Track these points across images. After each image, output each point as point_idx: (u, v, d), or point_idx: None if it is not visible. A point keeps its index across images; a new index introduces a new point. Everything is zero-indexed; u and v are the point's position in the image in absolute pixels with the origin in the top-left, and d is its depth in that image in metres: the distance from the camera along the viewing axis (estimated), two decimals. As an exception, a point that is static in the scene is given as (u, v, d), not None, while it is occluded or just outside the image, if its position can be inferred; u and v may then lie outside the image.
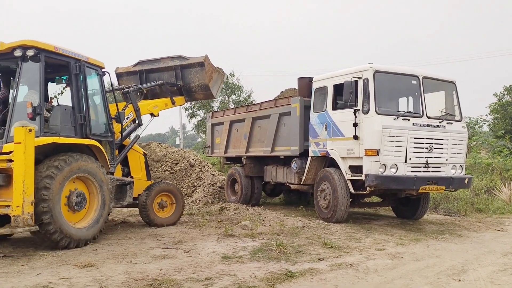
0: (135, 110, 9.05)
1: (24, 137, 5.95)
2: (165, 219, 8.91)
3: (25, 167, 5.96)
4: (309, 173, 9.78)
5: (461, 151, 8.96)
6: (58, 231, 6.40)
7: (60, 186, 6.50)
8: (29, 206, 5.96)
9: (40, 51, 6.73)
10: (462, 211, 11.04)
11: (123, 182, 8.38)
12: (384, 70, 8.53)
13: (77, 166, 6.79)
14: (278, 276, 5.28)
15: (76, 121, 7.17)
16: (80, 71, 7.30)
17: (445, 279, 5.36)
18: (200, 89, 10.23)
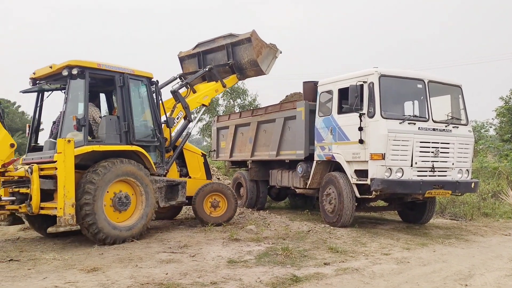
0: (184, 108, 9.45)
1: (64, 147, 6.69)
2: (217, 218, 9.18)
3: (65, 173, 6.67)
4: (315, 177, 9.77)
5: (467, 155, 8.92)
6: (101, 231, 7.04)
7: (101, 189, 7.12)
8: (69, 208, 6.66)
9: (84, 69, 7.44)
10: (468, 216, 10.98)
11: (174, 183, 8.80)
12: (389, 74, 8.51)
13: (119, 171, 7.42)
14: (284, 280, 5.27)
15: (121, 129, 7.79)
16: (124, 83, 7.91)
17: (451, 284, 5.33)
18: (250, 66, 10.40)
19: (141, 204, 7.79)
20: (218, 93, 10.51)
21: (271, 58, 10.55)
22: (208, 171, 9.98)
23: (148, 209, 7.82)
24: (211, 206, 9.27)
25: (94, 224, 6.97)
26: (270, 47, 10.49)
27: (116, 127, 7.78)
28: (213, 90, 10.27)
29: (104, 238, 7.11)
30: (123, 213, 7.58)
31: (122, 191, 7.55)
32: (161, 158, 8.54)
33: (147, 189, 7.81)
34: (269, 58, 10.50)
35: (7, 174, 7.20)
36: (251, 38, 10.06)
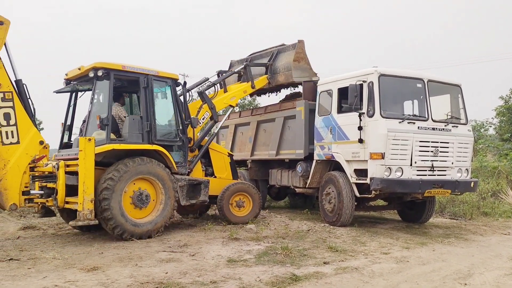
0: (210, 108, 9.66)
1: (84, 146, 6.99)
2: (242, 218, 9.31)
3: (85, 170, 6.98)
4: (314, 177, 9.78)
5: (466, 154, 8.93)
6: (118, 226, 7.34)
7: (121, 186, 7.41)
8: (88, 203, 6.98)
9: (109, 71, 7.74)
10: (468, 215, 10.99)
11: (196, 182, 8.93)
12: (389, 74, 8.52)
13: (139, 169, 7.68)
14: (283, 279, 5.28)
15: (144, 129, 8.04)
16: (148, 85, 8.16)
17: (451, 283, 5.34)
18: (283, 69, 10.68)
19: (161, 202, 8.01)
20: (246, 94, 10.72)
21: (305, 74, 10.74)
22: (235, 171, 10.13)
23: (167, 207, 8.04)
24: (236, 205, 9.39)
25: (112, 219, 7.27)
26: (310, 67, 10.79)
27: (139, 126, 8.05)
28: (241, 91, 10.53)
29: (121, 233, 7.39)
30: (143, 210, 7.83)
31: (142, 189, 7.82)
32: (184, 158, 8.75)
33: (167, 188, 8.03)
34: (304, 73, 10.71)
35: (37, 169, 7.53)
36: (297, 45, 10.53)
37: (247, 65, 10.68)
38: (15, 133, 7.27)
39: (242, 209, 9.43)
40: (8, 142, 7.22)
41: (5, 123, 7.19)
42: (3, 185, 7.11)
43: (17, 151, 7.26)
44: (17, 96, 7.37)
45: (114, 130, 8.14)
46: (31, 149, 7.40)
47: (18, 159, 7.24)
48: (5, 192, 7.12)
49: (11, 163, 7.17)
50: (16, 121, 7.28)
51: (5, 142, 7.20)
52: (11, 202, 7.14)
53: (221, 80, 10.43)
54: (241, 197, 9.45)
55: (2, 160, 7.15)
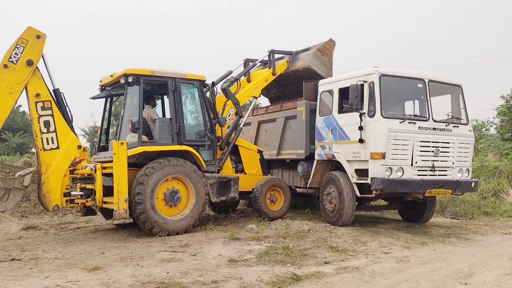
0: (234, 104, 9.82)
1: (118, 149, 7.48)
2: (275, 212, 9.69)
3: (119, 172, 7.47)
4: (315, 177, 9.79)
5: (467, 154, 8.93)
6: (154, 226, 7.78)
7: (152, 187, 7.79)
8: (123, 203, 7.49)
9: (139, 77, 8.16)
10: (469, 215, 11.00)
11: (226, 179, 9.22)
12: (390, 74, 8.53)
13: (166, 170, 8.03)
14: (284, 279, 5.29)
15: (173, 130, 8.41)
16: (176, 88, 8.51)
17: (451, 282, 5.35)
18: (305, 55, 10.87)
19: (191, 199, 8.36)
20: (267, 82, 10.69)
21: (322, 67, 10.88)
22: (265, 166, 10.33)
23: (198, 204, 8.36)
24: (270, 201, 9.66)
25: (148, 221, 7.73)
26: (330, 66, 10.94)
27: (168, 128, 8.41)
28: (262, 81, 10.59)
29: (158, 232, 7.82)
30: (173, 208, 8.21)
31: (175, 188, 8.21)
32: (213, 156, 9.10)
33: (197, 186, 8.37)
34: (322, 66, 10.87)
35: (76, 172, 8.04)
36: (327, 41, 10.82)
37: (272, 51, 10.75)
38: (54, 139, 7.74)
39: (274, 204, 9.74)
40: (49, 148, 7.69)
41: (45, 130, 7.68)
42: (46, 188, 7.58)
43: (57, 156, 7.71)
44: (56, 104, 7.84)
45: (147, 132, 8.51)
46: (70, 153, 7.86)
47: (58, 163, 7.69)
48: (48, 195, 7.59)
49: (52, 167, 7.64)
50: (55, 128, 7.75)
51: (46, 148, 7.66)
52: (54, 203, 7.62)
53: (244, 73, 10.49)
54: (274, 193, 9.79)
55: (44, 164, 7.61)
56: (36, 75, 7.64)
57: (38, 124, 7.62)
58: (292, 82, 11.63)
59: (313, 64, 10.69)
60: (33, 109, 7.61)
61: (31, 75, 7.54)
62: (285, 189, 9.94)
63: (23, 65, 7.44)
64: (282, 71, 11.00)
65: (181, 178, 8.27)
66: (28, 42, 7.48)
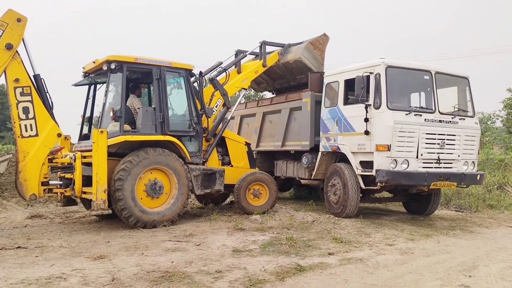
0: (222, 95, 9.62)
1: (97, 138, 7.24)
2: (258, 207, 9.37)
3: (98, 161, 7.23)
4: (320, 168, 9.78)
5: (473, 147, 8.89)
6: (132, 215, 7.54)
7: (133, 176, 7.59)
8: (102, 193, 7.25)
9: (122, 64, 7.86)
10: (473, 207, 10.97)
11: (211, 171, 9.02)
12: (396, 65, 8.47)
13: (151, 160, 7.82)
14: (288, 270, 5.31)
15: (157, 120, 8.15)
16: (161, 76, 8.25)
17: (455, 275, 5.35)
18: (296, 49, 10.72)
19: (174, 191, 8.16)
20: (257, 74, 10.51)
21: (313, 62, 10.76)
22: (252, 159, 10.19)
23: (181, 196, 8.18)
24: (253, 195, 9.46)
25: (125, 209, 7.49)
26: (322, 61, 10.83)
27: (152, 117, 8.16)
28: (252, 72, 10.38)
29: (135, 222, 7.59)
30: (155, 200, 8.00)
31: (156, 179, 7.98)
32: (198, 147, 8.87)
33: (180, 177, 8.16)
34: (313, 60, 10.74)
35: (55, 160, 7.85)
36: (320, 36, 10.68)
37: (264, 42, 10.57)
38: (33, 126, 7.53)
39: (258, 198, 9.53)
40: (27, 135, 7.49)
41: (24, 116, 7.47)
42: (23, 176, 7.42)
43: (36, 144, 7.52)
44: (35, 90, 7.64)
45: (130, 122, 8.31)
46: (50, 141, 7.66)
47: (37, 151, 7.51)
48: (25, 183, 7.43)
49: (30, 155, 7.46)
50: (34, 115, 7.54)
51: (24, 135, 7.48)
52: (31, 192, 7.45)
53: (234, 64, 10.31)
54: (258, 187, 9.53)
55: (21, 152, 7.45)
56: (15, 59, 7.42)
57: (17, 110, 7.39)
58: (282, 76, 11.59)
59: (304, 57, 10.53)
60: (11, 94, 7.39)
61: (10, 59, 7.32)
62: (270, 183, 9.57)
63: (2, 49, 7.23)
64: (273, 63, 10.84)
65: (164, 169, 8.05)
66: (8, 25, 7.27)
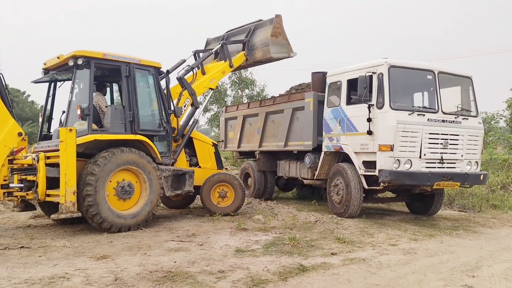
0: (190, 94, 9.37)
1: (66, 136, 6.77)
2: (224, 209, 9.20)
3: (66, 161, 6.76)
4: (322, 168, 9.77)
5: (476, 147, 8.86)
6: (105, 220, 7.19)
7: (103, 180, 7.20)
8: (71, 195, 6.79)
9: (89, 59, 7.49)
10: (477, 207, 10.94)
11: (181, 172, 8.77)
12: (399, 65, 8.46)
13: (120, 160, 7.46)
14: (291, 270, 5.30)
15: (126, 118, 7.84)
16: (130, 73, 7.93)
17: (458, 275, 5.33)
18: (261, 45, 10.41)
19: (145, 191, 7.85)
20: (225, 74, 10.36)
21: (283, 50, 10.49)
22: (220, 161, 10.02)
23: (153, 196, 7.88)
24: (218, 196, 9.30)
25: (97, 215, 7.13)
26: (288, 42, 10.49)
27: (121, 116, 7.84)
28: (220, 72, 10.15)
29: (109, 227, 7.26)
30: (127, 201, 7.67)
31: (125, 180, 7.63)
32: (168, 148, 8.59)
33: (150, 177, 7.85)
34: (282, 49, 10.44)
35: (16, 162, 7.34)
36: (274, 19, 10.20)
37: (224, 43, 10.33)
38: None
39: (225, 199, 9.32)
40: None
41: None
42: None
43: None
44: None
45: (96, 121, 7.91)
46: (9, 141, 7.11)
47: None
48: None
49: None
50: None
51: None
52: None
53: (200, 62, 10.02)
54: (224, 188, 9.31)
55: None
56: None
57: None
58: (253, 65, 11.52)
59: (274, 53, 10.33)
60: None
61: None
62: (235, 184, 9.32)
63: None
64: (240, 63, 10.71)
65: (135, 169, 7.69)
66: None
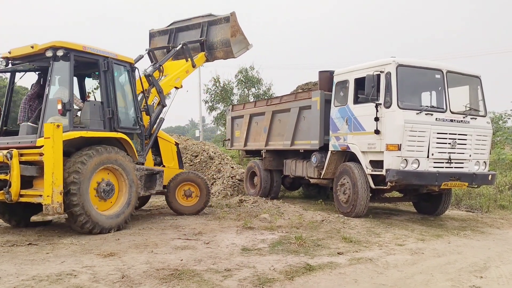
0: (158, 92, 9.20)
1: (53, 132, 6.35)
2: (188, 208, 9.17)
3: (54, 160, 6.35)
4: (329, 167, 9.75)
5: (485, 147, 8.80)
6: (89, 220, 6.85)
7: (87, 178, 6.89)
8: (58, 195, 6.37)
9: (70, 51, 7.08)
10: (485, 208, 10.87)
11: (152, 172, 8.67)
12: (407, 64, 8.41)
13: (103, 158, 7.16)
14: (297, 269, 5.29)
15: (105, 115, 7.52)
16: (108, 68, 7.64)
17: (466, 275, 5.30)
18: (221, 45, 10.34)
19: (125, 191, 7.59)
20: (188, 74, 10.18)
21: (243, 46, 10.56)
22: (181, 160, 9.85)
23: (132, 196, 7.67)
24: (183, 195, 9.24)
25: (82, 214, 6.76)
26: (244, 36, 10.54)
27: (100, 113, 7.49)
28: (183, 72, 9.98)
29: (92, 228, 6.92)
30: (107, 202, 7.38)
31: (105, 179, 7.32)
32: (141, 146, 8.37)
33: (130, 177, 7.63)
34: (241, 45, 10.51)
35: None
36: (230, 18, 10.11)
37: (184, 44, 10.03)
38: None
39: (190, 199, 9.28)
40: None
41: None
42: None
43: None
44: None
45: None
46: None
47: None
48: None
49: None
50: None
51: None
52: None
53: (166, 60, 9.82)
54: (189, 187, 9.27)
55: None
56: None
57: None
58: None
59: (236, 53, 10.37)
60: None
61: None
62: (202, 183, 9.29)
63: None
64: (202, 63, 10.66)
65: (116, 169, 7.39)
66: None
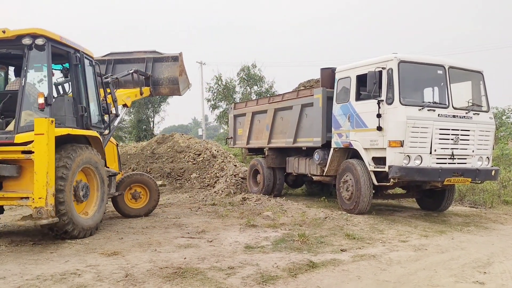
0: (113, 100, 8.79)
1: (47, 128, 5.87)
2: (137, 210, 8.92)
3: (48, 158, 5.85)
4: (332, 165, 9.74)
5: (488, 142, 8.77)
6: (71, 222, 6.38)
7: (72, 176, 6.46)
8: (51, 197, 5.89)
9: (48, 41, 6.53)
10: (488, 203, 10.85)
11: (111, 173, 8.29)
12: (409, 60, 8.39)
13: (84, 158, 6.77)
14: (300, 266, 5.30)
15: (78, 112, 7.07)
16: (80, 61, 7.20)
17: (470, 271, 5.29)
18: (168, 82, 10.59)
19: (98, 193, 7.24)
20: (136, 98, 10.40)
21: (185, 85, 10.98)
22: (120, 162, 9.41)
23: (104, 197, 7.36)
24: (131, 197, 9.00)
25: (65, 214, 6.25)
26: (187, 76, 10.98)
27: (72, 109, 7.03)
28: (133, 94, 10.07)
29: (72, 229, 6.45)
30: (83, 203, 6.98)
31: (83, 180, 6.91)
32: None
33: (102, 179, 7.31)
34: (185, 84, 10.92)
35: None
36: (179, 58, 10.49)
37: (136, 71, 10.08)
38: None
39: (138, 200, 9.04)
40: None
41: None
42: None
43: None
44: None
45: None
46: None
47: None
48: None
49: None
50: None
51: None
52: None
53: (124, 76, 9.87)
54: (138, 189, 9.04)
55: None
56: None
57: None
58: None
59: (182, 90, 10.76)
60: None
61: None
62: (151, 185, 9.08)
63: None
64: (146, 95, 10.65)
65: (90, 169, 7.00)
66: None
